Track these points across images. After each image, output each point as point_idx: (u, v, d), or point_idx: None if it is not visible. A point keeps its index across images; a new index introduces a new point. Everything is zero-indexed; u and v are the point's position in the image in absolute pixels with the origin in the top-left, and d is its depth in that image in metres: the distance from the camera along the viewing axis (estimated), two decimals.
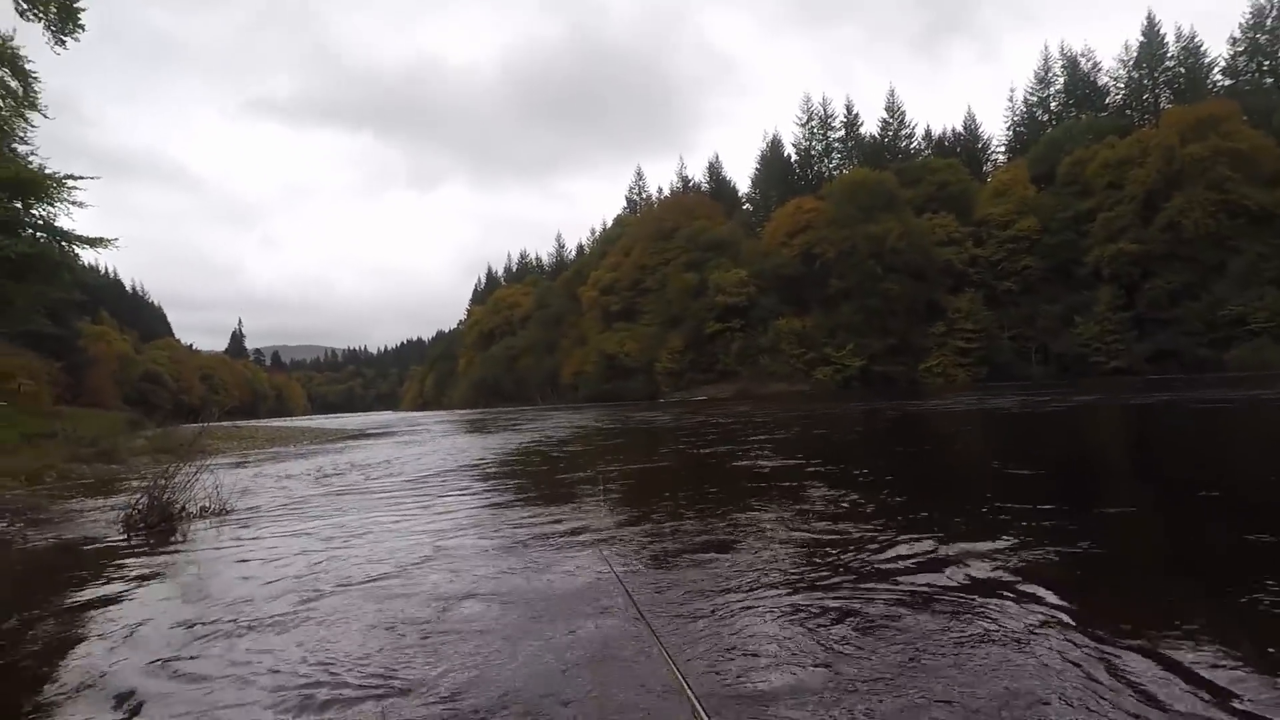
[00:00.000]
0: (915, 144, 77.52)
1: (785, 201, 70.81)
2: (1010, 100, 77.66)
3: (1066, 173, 58.24)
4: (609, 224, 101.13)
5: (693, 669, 2.50)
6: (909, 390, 43.83)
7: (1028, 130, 74.20)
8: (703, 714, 1.70)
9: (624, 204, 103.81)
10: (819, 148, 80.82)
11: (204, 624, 3.42)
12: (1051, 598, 3.08)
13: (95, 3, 18.07)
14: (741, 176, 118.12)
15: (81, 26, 17.08)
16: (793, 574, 3.72)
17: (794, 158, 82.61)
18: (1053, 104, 74.24)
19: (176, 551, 5.44)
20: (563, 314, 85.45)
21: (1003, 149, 77.64)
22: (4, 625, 3.63)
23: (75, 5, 16.73)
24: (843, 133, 79.49)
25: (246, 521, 6.53)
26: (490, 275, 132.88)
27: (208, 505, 6.99)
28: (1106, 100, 70.61)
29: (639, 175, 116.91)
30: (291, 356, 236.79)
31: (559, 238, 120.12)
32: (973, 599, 3.13)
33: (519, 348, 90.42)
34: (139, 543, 5.79)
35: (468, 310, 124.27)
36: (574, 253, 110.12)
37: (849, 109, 78.84)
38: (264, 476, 10.78)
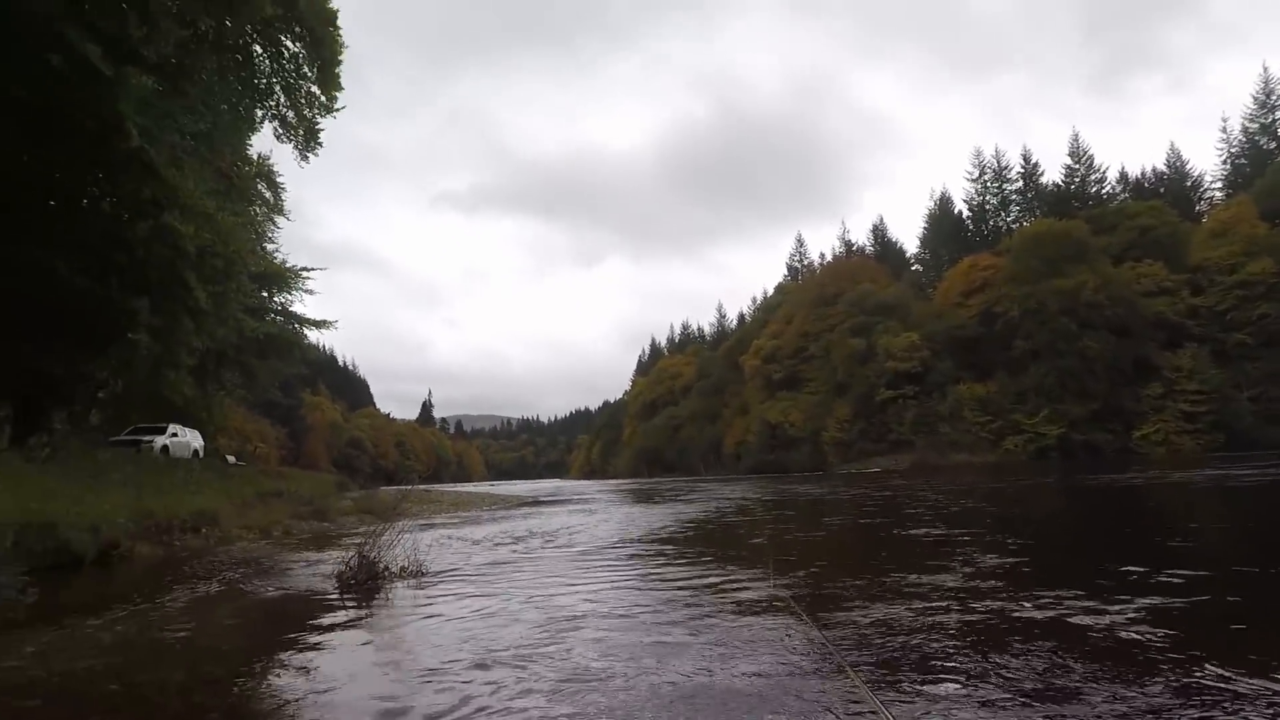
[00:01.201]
0: (1107, 188, 71.02)
1: (958, 260, 67.08)
2: (1224, 130, 69.04)
3: None
4: (769, 292, 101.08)
5: (873, 684, 2.99)
6: (1119, 461, 38.70)
7: (1250, 162, 65.40)
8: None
9: (784, 271, 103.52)
10: (994, 202, 76.31)
11: (444, 660, 3.75)
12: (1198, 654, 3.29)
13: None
14: (908, 237, 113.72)
15: (320, 144, 20.21)
16: (959, 620, 4.13)
17: (965, 214, 78.55)
18: None
19: (391, 606, 5.82)
20: (724, 383, 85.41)
21: (1219, 185, 68.91)
22: (255, 666, 3.99)
23: (318, 128, 19.89)
24: (1020, 184, 74.63)
25: (445, 581, 6.88)
26: (654, 346, 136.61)
27: (406, 565, 7.44)
28: None
29: (799, 242, 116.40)
30: (472, 425, 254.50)
31: (720, 307, 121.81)
32: (1130, 647, 3.45)
33: (681, 417, 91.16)
34: (351, 598, 6.25)
35: (632, 380, 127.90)
36: (735, 322, 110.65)
37: (1026, 159, 74.08)
38: (453, 539, 11.42)
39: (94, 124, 13.22)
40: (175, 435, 22.02)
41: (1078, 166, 71.55)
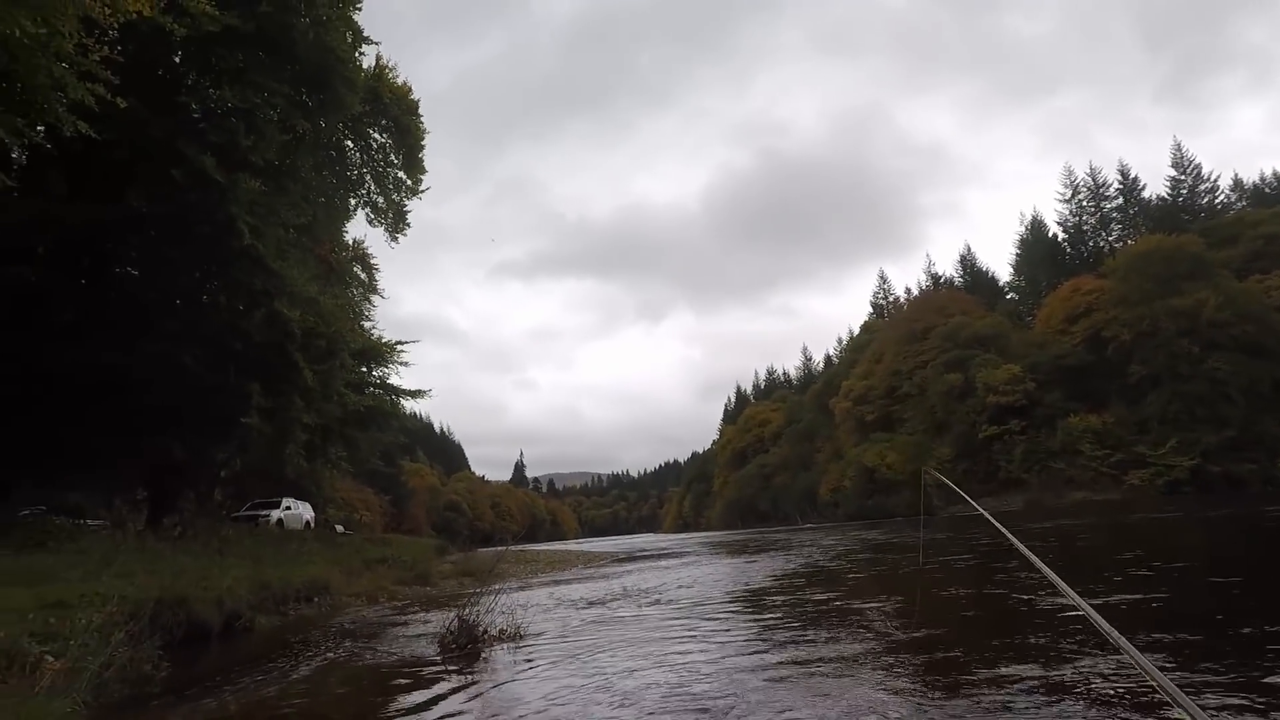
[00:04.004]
0: (1221, 198, 66.27)
1: (1057, 285, 63.71)
2: None
3: None
4: (855, 332, 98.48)
5: None
6: (1270, 495, 34.92)
7: None
8: None
9: (869, 309, 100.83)
10: (1092, 221, 72.36)
11: None
12: None
13: None
14: (998, 265, 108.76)
15: (409, 225, 21.59)
16: None
17: (1061, 236, 74.64)
18: None
19: (491, 671, 5.85)
20: (815, 428, 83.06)
21: None
22: None
23: (406, 210, 21.32)
24: (1120, 200, 70.60)
25: (543, 642, 6.88)
26: (739, 394, 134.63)
27: (505, 628, 7.50)
28: None
29: (882, 278, 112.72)
30: (563, 482, 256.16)
31: (805, 350, 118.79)
32: None
33: (772, 465, 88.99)
34: (453, 663, 6.32)
35: (719, 430, 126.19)
36: (821, 364, 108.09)
37: (1124, 174, 70.03)
38: (551, 600, 11.44)
39: (210, 228, 14.60)
40: (288, 509, 23.31)
41: (1183, 178, 67.30)
